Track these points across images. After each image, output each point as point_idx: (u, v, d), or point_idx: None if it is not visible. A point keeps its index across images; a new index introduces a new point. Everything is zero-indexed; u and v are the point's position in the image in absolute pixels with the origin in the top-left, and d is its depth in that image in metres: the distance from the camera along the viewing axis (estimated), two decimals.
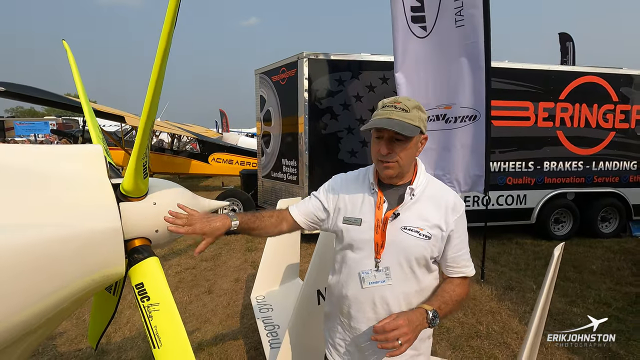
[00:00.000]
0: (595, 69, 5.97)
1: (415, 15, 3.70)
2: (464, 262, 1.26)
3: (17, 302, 0.82)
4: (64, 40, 1.73)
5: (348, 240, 1.25)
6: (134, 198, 1.15)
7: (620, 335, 3.07)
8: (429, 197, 1.23)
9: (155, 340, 1.02)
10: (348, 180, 1.33)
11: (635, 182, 6.24)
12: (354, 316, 1.25)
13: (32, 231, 0.84)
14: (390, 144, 1.17)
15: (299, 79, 5.21)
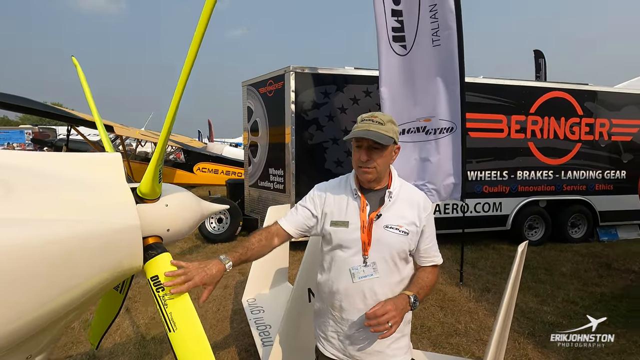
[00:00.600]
0: (562, 84, 6.43)
1: (395, 35, 3.98)
2: (434, 253, 1.45)
3: (52, 290, 0.95)
4: (73, 56, 1.86)
5: (337, 241, 1.39)
6: (149, 200, 1.29)
7: (587, 330, 3.32)
8: (404, 199, 1.41)
9: (171, 325, 1.15)
10: (330, 187, 1.48)
11: (601, 190, 6.69)
12: (346, 308, 1.39)
13: (65, 225, 0.97)
14: (369, 152, 1.34)
15: (286, 91, 5.40)
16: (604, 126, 6.58)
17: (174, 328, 1.14)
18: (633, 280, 4.68)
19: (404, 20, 4.04)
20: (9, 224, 0.85)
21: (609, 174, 6.71)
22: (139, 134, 7.74)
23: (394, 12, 3.99)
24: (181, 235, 1.42)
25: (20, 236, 0.85)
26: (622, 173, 6.79)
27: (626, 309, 3.79)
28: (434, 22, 3.83)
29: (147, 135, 8.10)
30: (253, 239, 1.40)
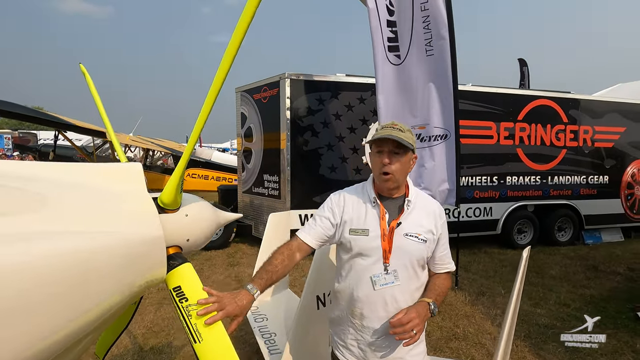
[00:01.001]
0: (548, 93, 6.65)
1: (390, 45, 4.06)
2: (448, 260, 1.48)
3: (86, 303, 0.94)
4: (81, 63, 1.84)
5: (357, 249, 1.39)
6: (170, 210, 1.28)
7: (576, 352, 3.41)
8: (421, 207, 1.44)
9: (196, 336, 1.15)
10: (348, 195, 1.48)
11: (585, 194, 6.92)
12: (367, 316, 1.39)
13: (98, 237, 0.97)
14: (391, 156, 1.36)
15: (281, 98, 5.42)
16: (587, 133, 6.83)
17: (199, 339, 1.14)
18: (619, 282, 4.85)
19: (398, 30, 4.13)
20: (47, 237, 0.84)
21: (592, 179, 6.95)
22: (129, 140, 7.61)
23: (389, 23, 4.08)
24: (199, 245, 1.42)
25: (60, 247, 0.85)
26: (605, 178, 7.04)
27: (615, 310, 3.92)
28: (427, 32, 3.93)
29: (137, 140, 7.97)
30: (275, 260, 1.37)
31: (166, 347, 3.16)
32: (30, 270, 0.79)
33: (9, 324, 0.76)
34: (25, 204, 0.87)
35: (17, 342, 0.79)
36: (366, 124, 5.68)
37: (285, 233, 3.19)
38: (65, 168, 1.13)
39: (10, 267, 0.75)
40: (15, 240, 0.81)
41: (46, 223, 0.89)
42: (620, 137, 7.08)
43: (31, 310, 0.80)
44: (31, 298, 0.79)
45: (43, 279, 0.82)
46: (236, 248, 6.21)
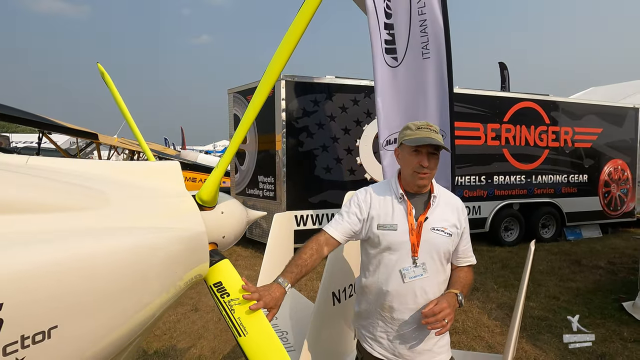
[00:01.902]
0: (530, 95, 6.93)
1: (388, 48, 4.15)
2: (470, 253, 1.55)
3: (143, 299, 0.95)
4: (98, 63, 1.83)
5: (385, 244, 1.44)
6: (207, 208, 1.31)
7: (568, 322, 3.59)
8: (445, 203, 1.50)
9: (241, 330, 1.17)
10: (374, 192, 1.52)
11: (567, 193, 7.23)
12: (397, 309, 1.43)
13: (160, 233, 0.98)
14: (429, 158, 1.40)
15: (276, 99, 5.44)
16: (567, 134, 7.15)
17: (244, 332, 1.16)
18: (602, 275, 5.10)
19: (395, 33, 4.23)
20: (112, 233, 0.86)
21: (573, 178, 7.28)
22: (117, 142, 7.45)
23: (387, 26, 4.17)
24: (232, 242, 1.44)
25: (123, 243, 0.86)
26: (584, 177, 7.38)
27: (601, 301, 4.13)
28: (424, 35, 4.04)
29: (125, 142, 7.81)
30: (305, 254, 1.41)
31: (170, 350, 3.13)
32: (100, 266, 0.80)
33: (85, 316, 0.77)
34: (90, 201, 0.88)
35: (86, 335, 0.80)
36: (360, 125, 5.77)
37: (289, 233, 3.22)
38: (110, 166, 1.14)
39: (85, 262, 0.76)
40: (83, 235, 0.82)
41: (109, 220, 0.90)
42: (598, 137, 7.44)
43: (101, 304, 0.82)
44: (101, 292, 0.81)
45: (111, 273, 0.84)
46: (230, 250, 6.14)
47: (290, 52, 1.13)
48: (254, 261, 5.55)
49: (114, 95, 1.70)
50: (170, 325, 3.53)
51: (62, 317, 0.71)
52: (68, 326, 0.73)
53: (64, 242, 0.72)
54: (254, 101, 1.16)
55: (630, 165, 7.82)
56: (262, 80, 1.15)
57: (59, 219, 0.77)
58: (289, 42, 1.11)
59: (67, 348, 0.74)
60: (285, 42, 1.11)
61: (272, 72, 1.13)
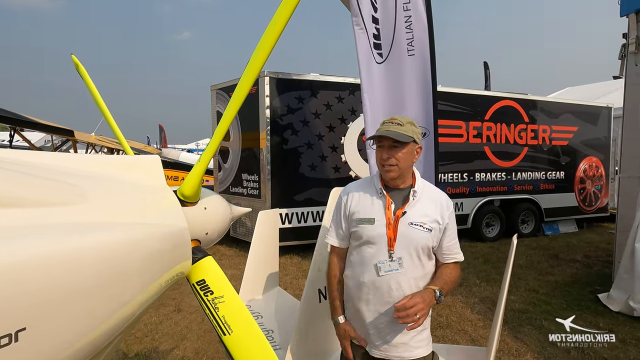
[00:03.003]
0: (510, 94, 7.10)
1: (375, 42, 4.13)
2: (456, 250, 1.52)
3: (122, 296, 0.91)
4: (72, 54, 1.74)
5: (364, 238, 1.46)
6: (189, 203, 1.26)
7: (548, 314, 3.70)
8: (428, 198, 1.49)
9: (225, 329, 1.14)
10: (355, 189, 1.56)
11: (545, 189, 7.44)
12: (372, 301, 1.45)
13: (137, 229, 0.94)
14: (390, 151, 1.42)
15: (260, 96, 5.38)
16: (545, 132, 7.36)
17: (228, 331, 1.13)
18: (578, 268, 5.27)
19: (381, 29, 4.21)
20: (90, 229, 0.81)
21: (551, 175, 7.50)
22: (95, 139, 7.21)
23: (374, 19, 4.15)
24: (215, 239, 1.40)
25: (101, 238, 0.82)
26: (561, 174, 7.62)
27: (577, 293, 4.27)
28: (409, 32, 4.06)
29: (102, 140, 7.57)
30: (334, 280, 1.57)
31: (152, 353, 3.04)
32: (76, 262, 0.76)
33: (57, 317, 0.73)
34: (63, 196, 0.83)
35: (60, 336, 0.76)
36: (345, 122, 5.77)
37: (274, 231, 3.18)
38: (87, 159, 1.08)
39: (62, 258, 0.71)
40: (55, 232, 0.77)
41: (84, 215, 0.85)
42: (574, 136, 7.69)
43: (74, 304, 0.77)
44: (73, 291, 0.76)
45: (84, 271, 0.79)
46: (214, 249, 6.07)
47: (271, 47, 1.11)
48: (239, 260, 5.48)
49: (90, 88, 1.63)
50: (152, 326, 3.44)
51: (31, 318, 0.67)
52: (38, 328, 0.68)
53: (33, 239, 0.67)
54: (235, 96, 1.14)
55: (604, 162, 8.12)
56: (243, 75, 1.13)
57: (27, 215, 0.72)
58: (270, 37, 1.08)
59: (37, 351, 0.70)
60: (265, 38, 1.09)
61: (254, 67, 1.11)
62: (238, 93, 1.14)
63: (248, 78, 1.13)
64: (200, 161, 1.19)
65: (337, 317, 1.53)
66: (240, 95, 1.14)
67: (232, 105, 1.14)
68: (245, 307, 1.17)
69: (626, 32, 4.02)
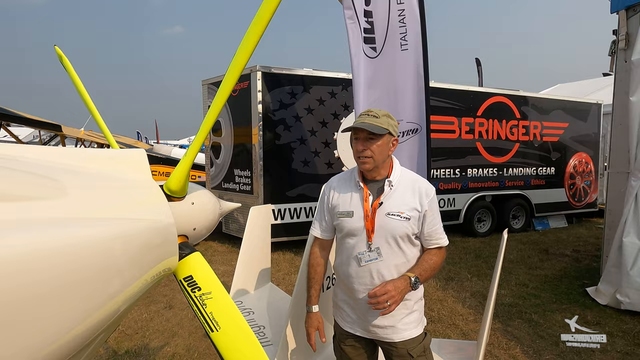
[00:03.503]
0: (502, 90, 7.13)
1: (367, 37, 4.09)
2: (438, 235, 1.54)
3: (106, 293, 0.89)
4: (56, 46, 1.70)
5: (345, 230, 1.52)
6: (176, 198, 1.24)
7: (537, 307, 3.75)
8: (405, 186, 1.51)
9: (213, 325, 1.12)
10: (336, 182, 1.61)
11: (535, 185, 7.52)
12: (357, 289, 1.52)
13: (117, 224, 0.92)
14: (365, 142, 1.44)
15: (252, 91, 5.33)
16: (536, 128, 7.42)
17: (216, 327, 1.11)
18: (567, 262, 5.35)
19: (374, 22, 4.16)
20: (76, 224, 0.79)
21: (541, 171, 7.57)
22: (84, 134, 7.09)
23: (366, 13, 4.10)
24: (203, 235, 1.38)
25: (84, 234, 0.79)
26: (551, 169, 7.70)
27: (566, 287, 4.33)
28: (402, 26, 4.03)
29: (92, 135, 7.45)
30: (312, 269, 1.62)
31: (142, 350, 3.02)
32: (58, 257, 0.73)
33: (36, 311, 0.71)
34: (39, 190, 0.80)
35: (39, 333, 0.73)
36: (337, 118, 5.75)
37: (266, 226, 3.16)
38: (68, 153, 1.05)
39: (42, 253, 0.69)
40: (34, 226, 0.75)
41: (62, 210, 0.82)
42: (564, 132, 7.77)
43: (55, 298, 0.75)
44: (55, 285, 0.74)
45: (69, 265, 0.77)
46: (206, 246, 6.04)
47: (256, 41, 1.09)
48: (231, 256, 5.45)
49: (74, 80, 1.59)
50: (142, 323, 3.41)
51: (7, 315, 0.64)
52: (15, 326, 0.66)
53: (5, 234, 0.65)
54: (221, 91, 1.12)
55: (593, 158, 8.22)
56: (229, 70, 1.11)
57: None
58: (255, 30, 1.07)
59: (14, 349, 0.67)
60: (250, 31, 1.07)
61: (239, 61, 1.09)
62: (223, 88, 1.12)
63: (233, 72, 1.11)
64: (186, 155, 1.17)
65: (311, 306, 1.60)
66: (225, 90, 1.12)
67: (218, 99, 1.12)
68: (234, 304, 1.16)
69: (616, 29, 4.05)
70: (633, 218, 3.69)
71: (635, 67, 3.62)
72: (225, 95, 1.13)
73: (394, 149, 1.51)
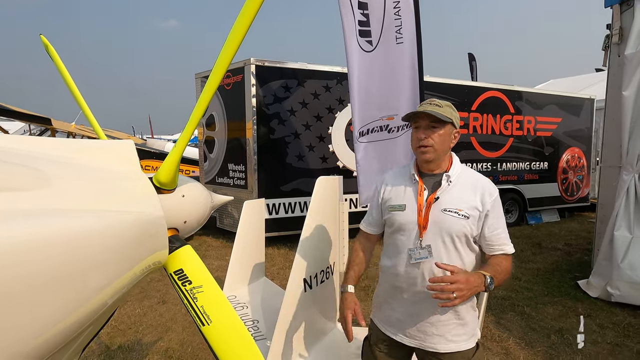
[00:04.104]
0: (497, 85, 7.14)
1: (362, 30, 4.03)
2: (502, 241, 1.38)
3: (95, 285, 0.87)
4: (41, 35, 1.65)
5: (395, 225, 1.43)
6: (166, 191, 1.22)
7: (530, 300, 3.78)
8: (465, 183, 1.39)
9: (204, 319, 1.11)
10: (391, 175, 1.54)
11: (529, 179, 7.57)
12: (406, 289, 1.41)
13: (102, 217, 0.89)
14: (426, 131, 1.36)
15: (246, 85, 5.27)
16: (530, 123, 7.45)
17: (207, 321, 1.10)
18: (559, 256, 5.41)
19: (370, 14, 4.10)
20: (60, 216, 0.76)
21: (534, 165, 7.62)
22: (75, 128, 6.99)
23: (360, 5, 4.04)
24: (194, 228, 1.37)
25: (74, 225, 0.77)
26: (544, 164, 7.76)
27: (558, 280, 4.38)
28: (397, 19, 3.99)
29: (82, 129, 7.35)
30: (354, 253, 1.56)
31: (136, 345, 3.00)
32: (48, 248, 0.71)
33: (19, 307, 0.69)
34: (21, 181, 0.78)
35: (22, 329, 0.72)
36: (332, 112, 5.72)
37: (260, 221, 3.14)
38: (54, 144, 1.02)
39: (32, 244, 0.67)
40: (13, 217, 0.72)
41: (46, 202, 0.80)
42: (557, 127, 7.82)
43: (38, 292, 0.73)
44: (48, 276, 0.72)
45: (49, 259, 0.75)
46: (200, 241, 6.01)
47: (244, 32, 1.07)
48: (225, 251, 5.43)
49: (61, 70, 1.55)
50: (135, 318, 3.39)
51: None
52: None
53: None
54: (209, 83, 1.10)
55: (586, 153, 8.30)
56: (217, 62, 1.09)
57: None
58: (243, 22, 1.05)
59: None
60: (238, 23, 1.05)
61: (227, 52, 1.07)
62: (213, 77, 1.09)
63: (222, 63, 1.09)
64: (175, 147, 1.14)
65: (346, 286, 1.49)
66: (215, 79, 1.10)
67: (207, 88, 1.10)
68: (225, 297, 1.14)
69: (610, 23, 4.06)
70: (624, 212, 3.73)
71: (628, 61, 3.63)
72: (215, 84, 1.10)
73: (455, 142, 1.43)
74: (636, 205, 3.70)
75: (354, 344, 2.34)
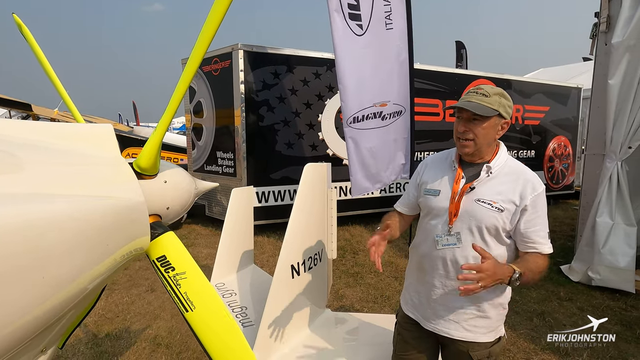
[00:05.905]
0: (486, 73, 7.16)
1: (352, 13, 3.91)
2: (538, 239, 1.31)
3: (75, 269, 0.85)
4: (14, 14, 1.58)
5: (428, 209, 1.45)
6: (147, 176, 1.19)
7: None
8: (507, 175, 1.34)
9: (188, 305, 1.10)
10: (432, 159, 1.54)
11: None
12: (428, 271, 1.43)
13: (80, 201, 0.87)
14: (468, 124, 1.32)
15: (234, 71, 5.17)
16: (518, 111, 7.52)
17: (191, 307, 1.10)
18: None
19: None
20: (33, 200, 0.74)
21: (522, 154, 7.72)
22: (57, 114, 6.80)
23: None
24: (178, 214, 1.34)
25: (56, 209, 0.75)
26: (531, 152, 7.86)
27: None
28: (387, 4, 3.94)
29: (65, 116, 7.15)
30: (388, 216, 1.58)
31: (123, 333, 2.99)
32: (29, 230, 0.69)
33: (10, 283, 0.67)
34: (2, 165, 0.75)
35: (12, 305, 0.70)
36: (322, 99, 5.67)
37: (249, 208, 3.12)
38: (29, 127, 0.98)
39: (13, 226, 0.65)
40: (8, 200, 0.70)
41: (17, 186, 0.77)
42: (545, 115, 7.91)
43: (27, 272, 0.71)
44: (28, 258, 0.70)
45: (42, 240, 0.73)
46: (189, 229, 5.97)
47: (222, 15, 1.04)
48: (214, 239, 5.41)
49: (35, 51, 1.49)
50: (123, 307, 3.37)
51: None
52: None
53: None
54: (188, 66, 1.07)
55: (572, 141, 8.43)
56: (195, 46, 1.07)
57: None
58: (220, 5, 1.01)
59: None
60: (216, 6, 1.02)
61: (205, 37, 1.04)
62: (193, 57, 1.06)
63: (202, 44, 1.06)
64: (156, 131, 1.11)
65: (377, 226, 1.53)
66: (195, 60, 1.07)
67: (187, 69, 1.06)
68: (209, 283, 1.14)
69: (598, 11, 4.07)
70: (607, 198, 3.82)
71: (615, 50, 3.66)
72: (195, 66, 1.07)
73: (502, 133, 1.37)
74: (618, 193, 3.79)
75: (341, 328, 2.37)
